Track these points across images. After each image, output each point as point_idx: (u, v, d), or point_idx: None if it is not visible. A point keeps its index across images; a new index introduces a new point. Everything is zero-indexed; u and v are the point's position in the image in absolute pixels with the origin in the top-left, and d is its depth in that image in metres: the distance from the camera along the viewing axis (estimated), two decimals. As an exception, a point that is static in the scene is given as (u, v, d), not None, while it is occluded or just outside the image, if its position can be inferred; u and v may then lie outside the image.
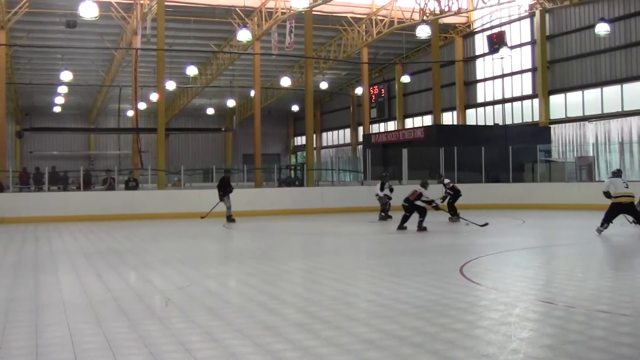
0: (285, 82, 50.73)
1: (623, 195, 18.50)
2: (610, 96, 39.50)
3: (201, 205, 28.50)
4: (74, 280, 12.17)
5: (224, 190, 26.43)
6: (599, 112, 40.14)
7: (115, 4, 40.08)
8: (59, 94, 57.85)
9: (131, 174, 36.17)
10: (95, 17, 26.20)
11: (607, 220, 18.61)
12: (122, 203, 29.66)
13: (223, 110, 69.62)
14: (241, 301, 9.88)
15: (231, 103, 61.35)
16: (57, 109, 66.29)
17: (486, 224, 21.26)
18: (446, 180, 26.28)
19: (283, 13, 40.00)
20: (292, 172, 53.22)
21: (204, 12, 42.43)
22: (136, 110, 46.57)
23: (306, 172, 40.40)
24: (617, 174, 19.67)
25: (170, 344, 7.23)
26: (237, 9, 41.18)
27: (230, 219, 26.03)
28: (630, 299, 9.58)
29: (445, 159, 33.81)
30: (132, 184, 32.51)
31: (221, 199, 26.49)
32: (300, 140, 76.39)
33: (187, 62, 47.10)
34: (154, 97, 47.42)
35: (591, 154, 38.78)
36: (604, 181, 21.53)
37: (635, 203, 19.01)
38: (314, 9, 38.87)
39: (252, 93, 48.63)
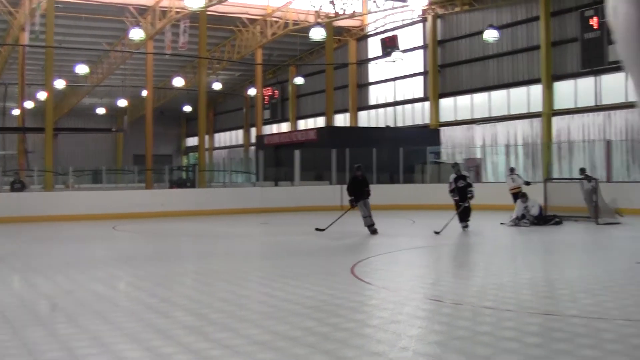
0: (178, 82, 50.22)
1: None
2: (498, 100, 40.62)
3: (91, 207, 27.89)
4: (-45, 284, 11.72)
5: None
6: (487, 116, 41.21)
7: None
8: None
9: (17, 175, 35.05)
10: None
11: None
12: (7, 205, 28.67)
13: (114, 110, 68.43)
14: (131, 304, 9.70)
15: (123, 103, 60.36)
16: None
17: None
18: None
19: (177, 12, 39.59)
20: (184, 173, 52.66)
21: (96, 9, 41.59)
22: (23, 109, 45.23)
23: (198, 173, 40.07)
24: (513, 171, 26.59)
25: (56, 350, 7.01)
26: (130, 7, 40.55)
27: None
28: (513, 295, 9.86)
29: (337, 161, 34.08)
30: (17, 186, 31.49)
31: None
32: (192, 141, 75.70)
33: (77, 60, 46.11)
34: (43, 95, 46.15)
35: (479, 156, 39.81)
36: (494, 182, 22.38)
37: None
38: (208, 9, 38.61)
39: (144, 93, 47.96)
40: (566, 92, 36.58)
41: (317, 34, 37.76)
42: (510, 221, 22.11)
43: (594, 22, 33.41)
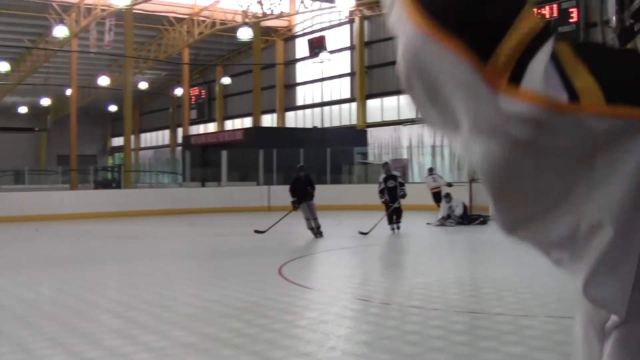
0: (104, 81, 49.50)
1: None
2: (424, 101, 41.02)
3: (12, 208, 27.25)
4: None
5: None
6: (414, 117, 41.50)
7: None
8: None
9: None
10: None
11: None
12: None
13: (37, 109, 66.91)
14: (54, 308, 9.50)
15: (46, 102, 59.21)
16: None
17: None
18: None
19: (103, 10, 38.98)
20: (109, 173, 51.89)
21: (17, 5, 40.65)
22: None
23: (124, 173, 39.55)
24: (432, 171, 27.13)
25: (-26, 353, 6.84)
26: (54, 3, 39.79)
27: None
28: (440, 294, 9.97)
29: (265, 161, 34.01)
30: None
31: None
32: (118, 141, 74.55)
33: (-2, 57, 45.02)
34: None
35: (405, 157, 40.16)
36: (420, 182, 22.73)
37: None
38: (134, 7, 38.13)
39: (69, 92, 47.09)
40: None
41: (245, 34, 37.70)
42: (437, 221, 22.45)
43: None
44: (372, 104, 44.46)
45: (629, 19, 1.02)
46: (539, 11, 32.70)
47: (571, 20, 31.73)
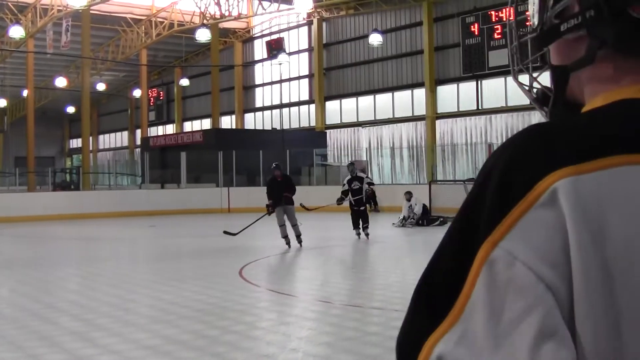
0: (61, 82, 48.96)
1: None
2: (383, 103, 41.21)
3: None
4: None
5: None
6: (372, 118, 41.77)
7: None
8: None
9: None
10: None
11: None
12: None
13: (-8, 110, 66.15)
14: (13, 311, 9.40)
15: (2, 103, 58.43)
16: None
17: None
18: None
19: (59, 10, 38.55)
20: (68, 175, 51.37)
21: (-29, 5, 40.13)
22: None
23: (82, 175, 39.19)
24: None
25: None
26: (9, 3, 39.27)
27: None
28: (401, 295, 10.02)
29: (224, 163, 33.94)
30: None
31: None
32: (76, 143, 73.82)
33: (-50, 58, 44.36)
34: None
35: (365, 158, 40.29)
36: (377, 184, 22.69)
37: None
38: (92, 7, 37.80)
39: (25, 93, 46.55)
40: (449, 96, 37.44)
41: (203, 35, 37.57)
42: (398, 222, 22.68)
43: (474, 28, 34.31)
44: (331, 105, 44.55)
45: (552, 19, 1.04)
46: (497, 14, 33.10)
47: (528, 24, 32.01)
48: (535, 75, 1.15)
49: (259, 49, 49.69)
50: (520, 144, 0.90)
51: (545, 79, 1.15)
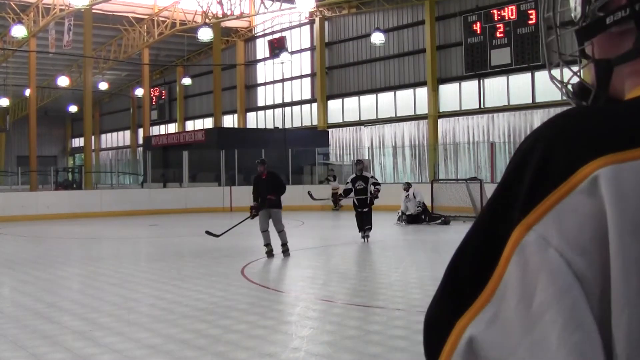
0: (63, 81, 48.97)
1: None
2: (385, 102, 41.22)
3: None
4: None
5: None
6: (374, 117, 41.77)
7: None
8: None
9: None
10: None
11: None
12: None
13: (-5, 109, 66.21)
14: (15, 310, 9.40)
15: (4, 102, 58.45)
16: None
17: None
18: None
19: (61, 10, 38.57)
20: (70, 174, 51.44)
21: (-27, 4, 40.16)
22: None
23: (84, 174, 39.21)
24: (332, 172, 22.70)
25: None
26: (11, 2, 39.30)
27: None
28: (403, 294, 10.03)
29: (226, 162, 33.96)
30: None
31: None
32: (78, 142, 73.93)
33: (-47, 57, 44.39)
34: None
35: (367, 157, 40.29)
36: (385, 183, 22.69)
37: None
38: (94, 7, 37.80)
39: (27, 92, 46.56)
40: (451, 95, 37.42)
41: (205, 34, 37.56)
42: (398, 219, 22.84)
43: (477, 27, 34.29)
44: (333, 104, 44.56)
45: (596, 12, 1.02)
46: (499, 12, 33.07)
47: (530, 22, 32.01)
48: (574, 69, 1.12)
49: (261, 48, 49.70)
50: (562, 127, 0.89)
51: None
